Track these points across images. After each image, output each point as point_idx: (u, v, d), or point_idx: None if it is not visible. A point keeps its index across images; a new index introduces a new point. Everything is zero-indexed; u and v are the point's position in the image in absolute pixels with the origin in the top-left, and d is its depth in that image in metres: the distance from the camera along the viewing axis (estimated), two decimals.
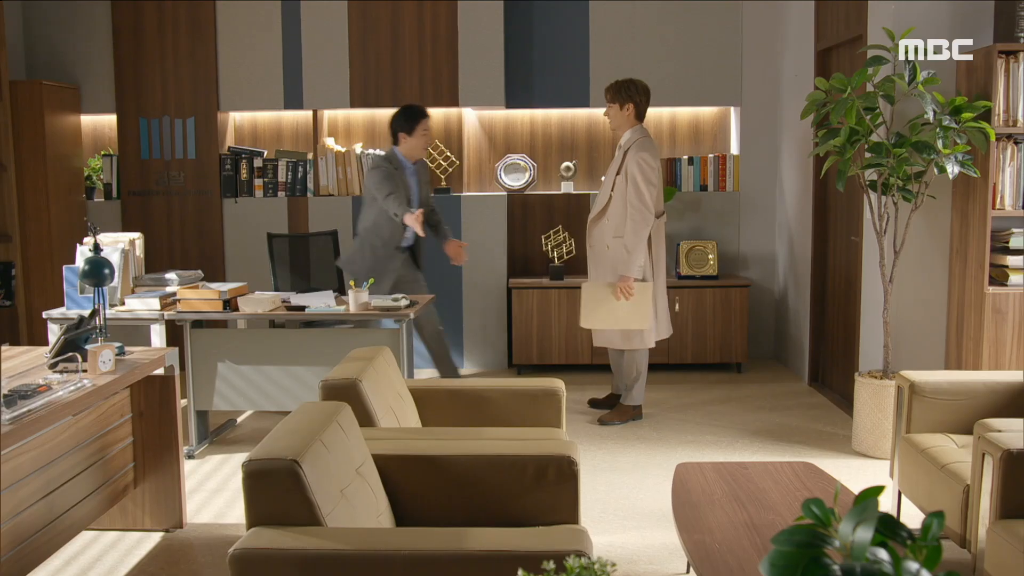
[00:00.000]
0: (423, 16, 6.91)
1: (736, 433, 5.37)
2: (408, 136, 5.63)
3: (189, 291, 5.02)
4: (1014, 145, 4.71)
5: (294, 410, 2.77)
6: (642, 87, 5.50)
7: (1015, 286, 4.72)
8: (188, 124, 7.06)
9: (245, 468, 2.34)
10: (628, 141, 5.39)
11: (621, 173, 5.34)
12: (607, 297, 5.40)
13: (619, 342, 5.57)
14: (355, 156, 7.01)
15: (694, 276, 6.83)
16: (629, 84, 5.45)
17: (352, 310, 4.92)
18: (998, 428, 3.08)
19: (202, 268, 6.64)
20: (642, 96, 5.47)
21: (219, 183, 7.06)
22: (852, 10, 5.67)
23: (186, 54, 7.00)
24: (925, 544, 1.28)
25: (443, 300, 6.79)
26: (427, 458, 2.87)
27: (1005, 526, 2.89)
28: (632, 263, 5.29)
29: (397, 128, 5.65)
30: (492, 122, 7.35)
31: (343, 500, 2.48)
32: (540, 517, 2.81)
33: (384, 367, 3.51)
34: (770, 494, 3.21)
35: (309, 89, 6.99)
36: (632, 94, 5.43)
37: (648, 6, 7.09)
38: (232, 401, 5.14)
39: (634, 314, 5.36)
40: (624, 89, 5.43)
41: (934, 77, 4.64)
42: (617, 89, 5.43)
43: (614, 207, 5.38)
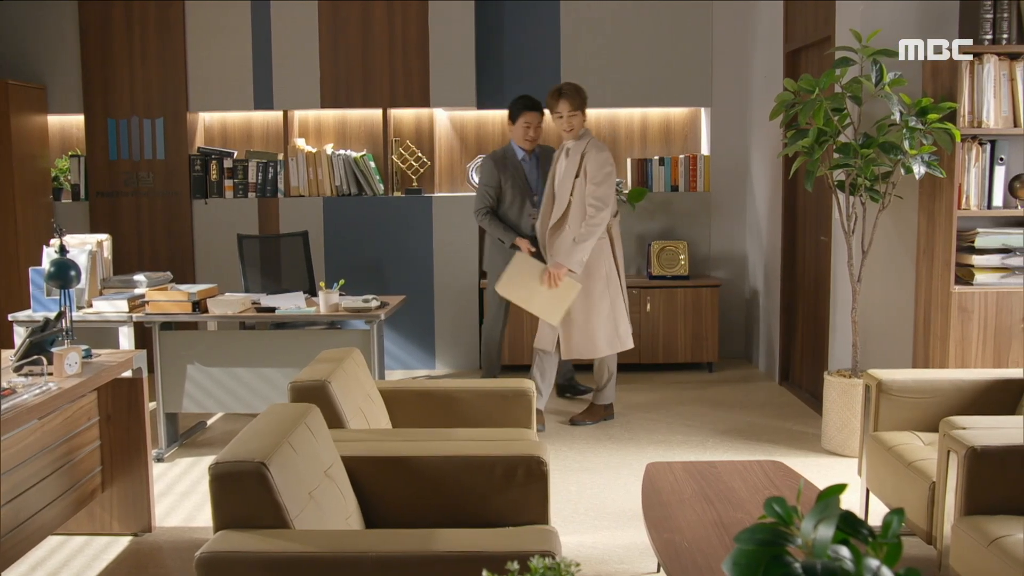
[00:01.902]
0: (393, 16, 6.90)
1: (707, 432, 5.40)
2: (512, 126, 5.77)
3: (158, 293, 4.99)
4: (979, 146, 4.77)
5: (262, 412, 2.75)
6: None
7: (980, 285, 4.77)
8: (157, 124, 7.00)
9: (212, 471, 2.32)
10: (582, 143, 5.30)
11: (580, 175, 5.25)
12: (534, 277, 5.20)
13: (600, 348, 5.38)
14: (326, 157, 6.98)
15: (665, 276, 6.85)
16: (581, 90, 5.41)
17: (322, 311, 4.90)
18: (963, 425, 3.11)
19: (172, 270, 6.59)
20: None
21: (189, 184, 7.01)
22: (820, 12, 5.72)
23: (155, 54, 6.95)
24: (885, 541, 1.30)
25: (414, 301, 6.78)
26: (396, 459, 2.86)
27: (970, 522, 2.92)
28: (574, 255, 5.17)
29: (509, 117, 5.79)
30: (463, 122, 7.35)
31: (311, 502, 2.47)
32: (510, 518, 2.81)
33: (354, 368, 3.50)
34: (739, 493, 3.23)
35: (279, 89, 6.96)
36: (585, 99, 5.40)
37: (618, 9, 7.11)
38: (202, 403, 5.11)
39: (550, 306, 5.19)
40: (582, 94, 5.37)
41: (900, 79, 4.68)
42: (578, 93, 5.33)
43: (575, 212, 5.25)
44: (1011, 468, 2.95)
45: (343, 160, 6.98)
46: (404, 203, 6.97)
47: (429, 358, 7.01)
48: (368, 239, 6.95)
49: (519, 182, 5.72)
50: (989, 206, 4.81)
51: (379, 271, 6.94)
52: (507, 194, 5.74)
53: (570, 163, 5.32)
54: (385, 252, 6.96)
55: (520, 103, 5.72)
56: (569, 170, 5.31)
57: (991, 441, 2.97)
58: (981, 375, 3.91)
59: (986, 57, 4.67)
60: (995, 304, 4.77)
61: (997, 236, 4.78)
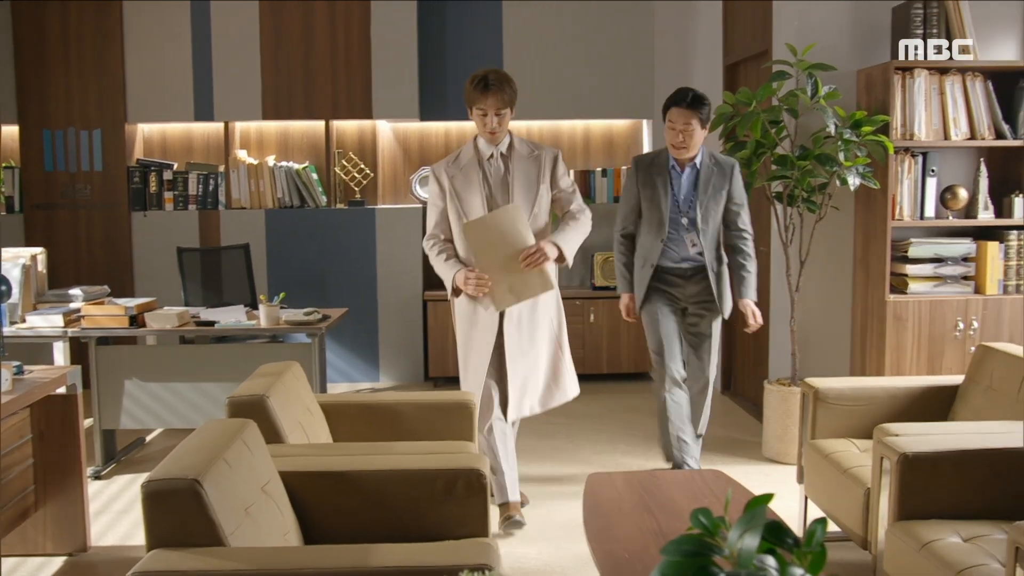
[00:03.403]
0: (335, 27, 6.87)
1: (650, 442, 5.43)
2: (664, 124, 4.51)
3: (94, 307, 4.90)
4: (911, 158, 4.87)
5: (198, 428, 2.72)
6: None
7: (914, 294, 4.87)
8: (94, 136, 6.89)
9: (144, 489, 2.28)
10: (528, 145, 4.21)
11: (545, 181, 4.15)
12: (513, 242, 3.95)
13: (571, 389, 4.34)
14: (268, 169, 6.92)
15: (608, 287, 6.89)
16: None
17: (263, 325, 4.85)
18: (895, 432, 3.17)
19: (110, 283, 6.47)
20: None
21: (127, 196, 6.91)
22: (758, 26, 5.81)
23: (92, 64, 6.84)
24: (810, 550, 1.32)
25: (358, 313, 6.75)
26: (335, 474, 2.84)
27: (903, 527, 2.98)
28: (572, 245, 4.13)
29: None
30: (407, 134, 7.33)
31: (247, 519, 2.44)
32: (450, 531, 2.80)
33: (293, 382, 3.46)
34: (679, 502, 3.25)
35: (220, 101, 6.89)
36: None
37: (560, 25, 7.16)
38: (140, 419, 5.02)
39: (505, 284, 3.99)
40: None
41: (835, 92, 4.77)
42: (513, 90, 4.12)
43: (541, 223, 4.16)
44: (942, 473, 3.01)
45: (285, 172, 6.93)
46: (347, 215, 6.94)
47: (373, 370, 6.97)
48: (311, 251, 6.90)
49: (660, 193, 4.43)
50: (922, 217, 4.92)
51: (323, 283, 6.89)
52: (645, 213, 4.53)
53: (520, 171, 4.11)
54: (328, 264, 6.91)
55: (669, 98, 4.44)
56: (524, 177, 4.11)
57: (922, 447, 3.03)
58: (914, 382, 3.99)
59: (917, 71, 4.78)
60: (928, 312, 4.87)
61: (930, 246, 4.89)
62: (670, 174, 4.45)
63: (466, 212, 4.10)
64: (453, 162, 4.21)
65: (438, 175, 4.19)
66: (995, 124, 4.85)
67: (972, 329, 4.85)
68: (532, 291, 4.05)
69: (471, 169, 4.14)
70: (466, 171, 4.14)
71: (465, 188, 4.12)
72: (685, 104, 4.32)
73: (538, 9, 7.14)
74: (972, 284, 4.91)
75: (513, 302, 4.06)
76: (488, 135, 4.10)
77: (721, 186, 4.43)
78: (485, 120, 4.07)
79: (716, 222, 4.45)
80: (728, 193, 4.44)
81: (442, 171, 4.19)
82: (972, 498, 3.02)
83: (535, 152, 4.22)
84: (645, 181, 4.50)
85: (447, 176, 4.15)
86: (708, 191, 4.41)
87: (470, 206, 4.10)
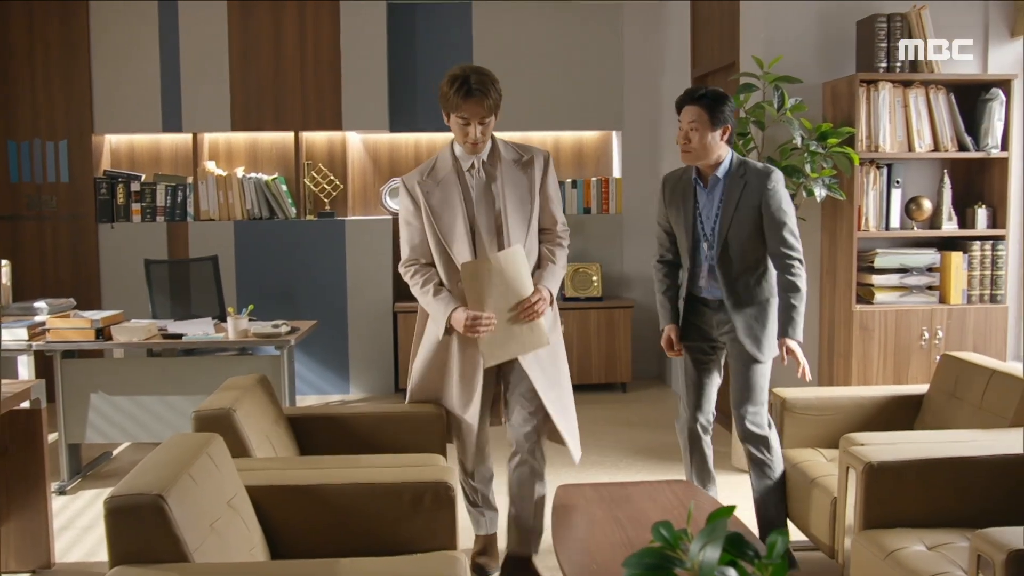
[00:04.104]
0: (305, 39, 6.86)
1: (620, 453, 5.44)
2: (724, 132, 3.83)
3: (59, 320, 4.85)
4: (876, 169, 4.93)
5: (162, 443, 2.69)
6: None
7: (880, 304, 4.92)
8: (61, 147, 6.84)
9: (107, 505, 2.26)
10: (515, 149, 3.72)
11: (540, 191, 3.66)
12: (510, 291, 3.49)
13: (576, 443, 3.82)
14: (237, 180, 6.89)
15: (579, 298, 6.91)
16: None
17: (231, 337, 4.82)
18: (861, 442, 3.20)
19: (76, 296, 6.39)
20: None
21: (94, 208, 6.85)
22: (725, 39, 5.86)
23: (58, 74, 6.79)
24: (770, 562, 1.32)
25: (328, 325, 6.72)
26: (302, 488, 2.82)
27: (868, 536, 3.00)
28: (556, 284, 3.68)
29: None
30: (376, 145, 7.33)
31: (213, 534, 2.42)
32: (418, 544, 2.79)
33: (261, 395, 3.44)
34: (649, 514, 3.25)
35: (188, 111, 6.86)
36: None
37: (530, 36, 7.18)
38: (106, 434, 4.97)
39: (500, 335, 3.50)
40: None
41: (801, 104, 4.82)
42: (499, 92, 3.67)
43: (532, 238, 3.66)
44: (907, 482, 3.04)
45: (254, 183, 6.89)
46: (317, 227, 6.91)
47: (343, 383, 6.94)
48: (280, 263, 6.87)
49: (685, 210, 3.83)
50: (887, 227, 4.97)
51: (292, 296, 6.86)
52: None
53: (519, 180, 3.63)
54: (298, 276, 6.88)
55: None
56: (515, 188, 3.60)
57: (888, 456, 3.06)
58: (881, 392, 4.03)
59: (881, 84, 4.84)
60: (894, 322, 4.92)
61: (895, 256, 4.94)
62: (694, 191, 3.78)
63: (444, 234, 3.51)
64: (428, 174, 3.57)
65: (411, 189, 3.57)
66: (958, 136, 4.92)
67: (937, 338, 4.91)
68: (525, 347, 3.53)
69: (450, 183, 3.53)
70: (444, 186, 3.53)
71: (443, 206, 3.52)
72: (692, 99, 3.69)
73: (508, 20, 7.17)
74: (937, 294, 4.97)
75: (503, 358, 3.54)
76: (470, 146, 3.52)
77: (753, 202, 3.65)
78: (467, 130, 3.47)
79: (746, 246, 3.68)
80: (761, 209, 3.65)
81: (415, 184, 3.56)
82: (937, 506, 3.05)
83: (524, 157, 3.64)
84: (671, 200, 3.87)
85: (421, 191, 3.54)
86: (733, 209, 3.66)
87: (449, 227, 3.51)
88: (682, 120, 3.71)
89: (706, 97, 3.65)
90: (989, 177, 5.04)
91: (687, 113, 3.69)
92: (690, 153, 3.69)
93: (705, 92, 3.68)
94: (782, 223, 3.65)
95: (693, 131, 3.65)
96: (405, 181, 3.62)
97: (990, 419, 3.48)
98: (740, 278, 3.71)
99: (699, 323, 3.86)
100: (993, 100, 4.87)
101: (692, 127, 3.65)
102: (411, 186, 3.58)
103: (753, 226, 3.67)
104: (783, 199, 3.67)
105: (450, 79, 3.53)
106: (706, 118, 3.63)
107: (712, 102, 3.64)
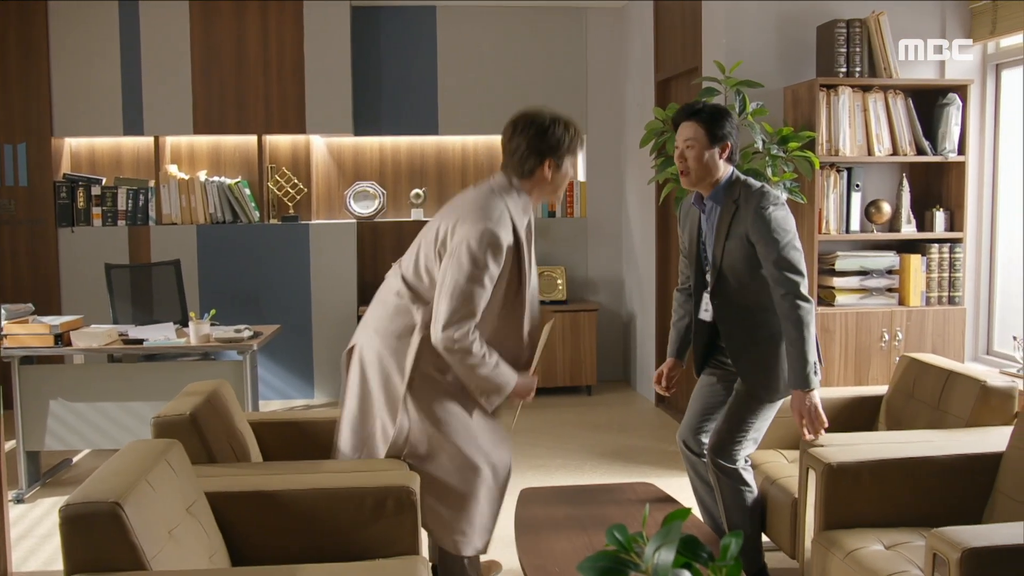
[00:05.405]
0: (268, 41, 6.82)
1: (585, 455, 5.46)
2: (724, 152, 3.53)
3: (17, 326, 4.78)
4: (836, 173, 4.98)
5: (120, 450, 2.66)
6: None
7: (841, 306, 4.97)
8: (19, 150, 6.74)
9: (62, 513, 2.23)
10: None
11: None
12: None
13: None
14: (199, 184, 6.83)
15: (544, 301, 6.92)
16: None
17: (193, 342, 4.78)
18: (820, 443, 3.22)
19: (36, 301, 6.30)
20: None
21: (54, 212, 6.77)
22: (688, 44, 5.90)
23: (16, 76, 6.70)
24: (723, 564, 1.33)
25: (292, 329, 6.68)
26: (263, 494, 2.80)
27: (828, 536, 3.03)
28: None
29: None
30: (340, 149, 7.30)
31: (171, 541, 2.39)
32: (381, 549, 2.78)
33: (222, 401, 3.41)
34: (611, 516, 3.27)
35: (150, 114, 6.79)
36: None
37: (495, 40, 7.19)
38: (66, 441, 4.91)
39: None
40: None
41: (762, 108, 4.86)
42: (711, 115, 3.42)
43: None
44: (866, 483, 3.07)
45: (217, 187, 6.84)
46: (280, 231, 6.88)
47: (308, 387, 6.91)
48: (244, 267, 6.82)
49: (689, 239, 3.64)
50: (847, 230, 5.02)
51: (256, 300, 6.81)
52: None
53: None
54: (262, 280, 6.84)
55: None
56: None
57: (847, 457, 3.09)
58: (842, 393, 4.06)
59: (841, 89, 4.89)
60: (855, 324, 4.97)
61: (855, 259, 4.99)
62: (699, 214, 3.51)
63: (526, 283, 3.25)
64: (514, 227, 3.18)
65: (506, 234, 3.12)
66: (916, 140, 4.98)
67: (897, 340, 4.96)
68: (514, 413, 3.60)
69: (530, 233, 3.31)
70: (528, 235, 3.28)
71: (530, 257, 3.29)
72: (689, 115, 3.41)
73: (473, 24, 7.17)
74: (896, 296, 5.03)
75: (511, 417, 3.60)
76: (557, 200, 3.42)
77: (741, 230, 3.32)
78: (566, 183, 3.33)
79: (743, 278, 3.36)
80: (750, 237, 3.29)
81: (511, 231, 3.16)
82: (895, 506, 3.09)
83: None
84: (683, 225, 3.65)
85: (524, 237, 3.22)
86: (724, 237, 3.36)
87: (526, 279, 3.27)
88: (677, 139, 3.43)
89: (704, 112, 3.38)
90: (947, 181, 5.11)
91: (683, 130, 3.40)
92: (688, 175, 3.40)
93: (703, 107, 3.41)
94: (773, 251, 3.24)
95: (689, 149, 3.37)
96: (501, 226, 3.10)
97: (947, 419, 3.53)
98: (741, 313, 3.39)
99: (709, 348, 3.61)
100: (950, 105, 4.94)
101: (687, 145, 3.37)
102: (508, 231, 3.14)
103: (744, 255, 3.32)
104: (776, 223, 3.25)
105: (567, 125, 3.25)
106: (703, 135, 3.35)
107: (710, 117, 3.36)
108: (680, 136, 3.42)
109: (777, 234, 3.24)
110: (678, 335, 3.77)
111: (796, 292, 3.23)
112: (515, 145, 3.22)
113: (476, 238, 3.03)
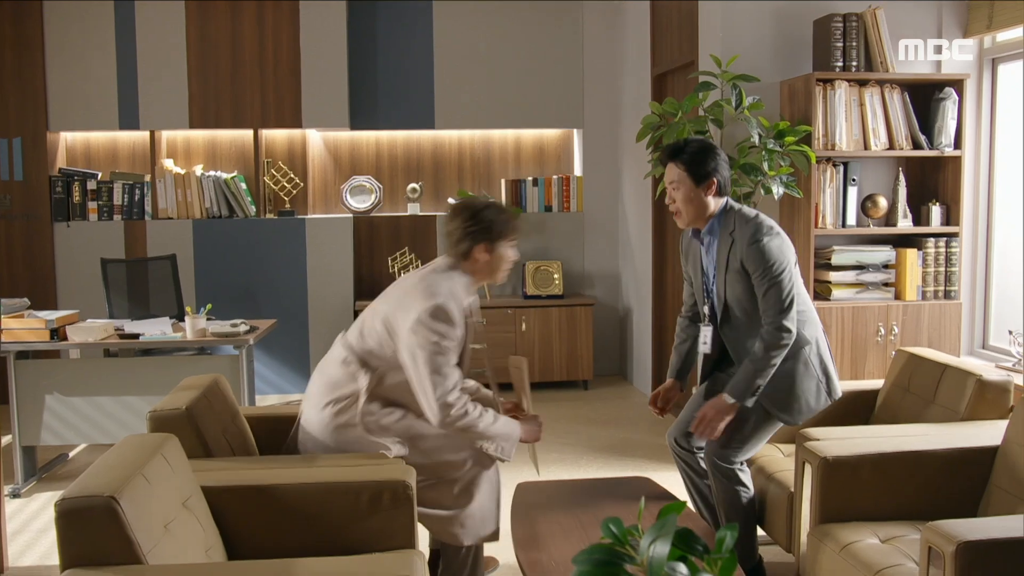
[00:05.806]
0: (264, 35, 6.81)
1: (581, 450, 5.46)
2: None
3: (13, 320, 4.78)
4: (833, 167, 4.98)
5: (116, 444, 2.66)
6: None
7: (837, 300, 4.97)
8: (14, 144, 6.73)
9: (58, 507, 2.23)
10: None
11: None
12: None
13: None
14: (195, 178, 6.82)
15: (540, 296, 6.93)
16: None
17: (189, 337, 4.78)
18: (816, 437, 3.23)
19: (32, 296, 6.32)
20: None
21: (50, 206, 6.75)
22: (684, 38, 5.89)
23: (11, 71, 6.68)
24: (719, 556, 1.33)
25: (288, 324, 6.68)
26: (259, 488, 2.80)
27: (823, 530, 3.04)
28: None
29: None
30: (337, 143, 7.29)
31: (167, 535, 2.39)
32: (377, 543, 2.78)
33: (218, 395, 3.41)
34: (607, 510, 3.27)
35: (146, 109, 6.78)
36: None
37: (491, 35, 7.19)
38: (62, 435, 4.91)
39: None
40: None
41: (759, 103, 4.86)
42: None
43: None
44: (861, 477, 3.08)
45: (213, 181, 6.83)
46: (277, 225, 6.87)
47: (304, 381, 6.89)
48: (240, 262, 6.81)
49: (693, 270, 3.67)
50: (843, 224, 5.02)
51: (252, 294, 6.81)
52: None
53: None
54: (258, 275, 6.83)
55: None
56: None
57: (842, 451, 3.09)
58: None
59: (837, 83, 4.89)
60: (851, 318, 4.98)
61: (852, 253, 5.00)
62: (700, 247, 3.55)
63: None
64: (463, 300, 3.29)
65: (455, 304, 3.21)
66: (912, 135, 4.99)
67: (893, 334, 4.97)
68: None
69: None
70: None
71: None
72: (671, 156, 3.44)
73: (469, 18, 7.16)
74: (892, 290, 5.03)
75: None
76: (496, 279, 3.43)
77: (736, 264, 3.36)
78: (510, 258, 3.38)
79: (747, 309, 3.39)
80: (745, 267, 3.33)
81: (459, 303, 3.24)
82: (890, 500, 3.09)
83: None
84: (686, 256, 3.67)
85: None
86: (724, 270, 3.40)
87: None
88: (665, 179, 3.47)
89: (685, 153, 3.40)
90: (943, 175, 5.12)
91: (668, 172, 3.44)
92: (680, 216, 3.45)
93: (685, 146, 3.42)
94: (765, 282, 3.29)
95: (675, 191, 3.41)
96: (453, 303, 3.20)
97: (943, 413, 3.54)
98: (754, 343, 3.36)
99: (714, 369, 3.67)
100: (946, 99, 4.94)
101: (673, 187, 3.42)
102: (457, 308, 3.22)
103: (745, 287, 3.35)
104: (769, 254, 3.27)
105: (500, 209, 3.36)
106: (687, 177, 3.38)
107: (692, 158, 3.38)
108: (666, 177, 3.47)
109: (770, 265, 3.28)
110: (679, 358, 3.81)
111: (780, 325, 3.29)
112: (451, 228, 3.32)
113: (428, 314, 3.14)
